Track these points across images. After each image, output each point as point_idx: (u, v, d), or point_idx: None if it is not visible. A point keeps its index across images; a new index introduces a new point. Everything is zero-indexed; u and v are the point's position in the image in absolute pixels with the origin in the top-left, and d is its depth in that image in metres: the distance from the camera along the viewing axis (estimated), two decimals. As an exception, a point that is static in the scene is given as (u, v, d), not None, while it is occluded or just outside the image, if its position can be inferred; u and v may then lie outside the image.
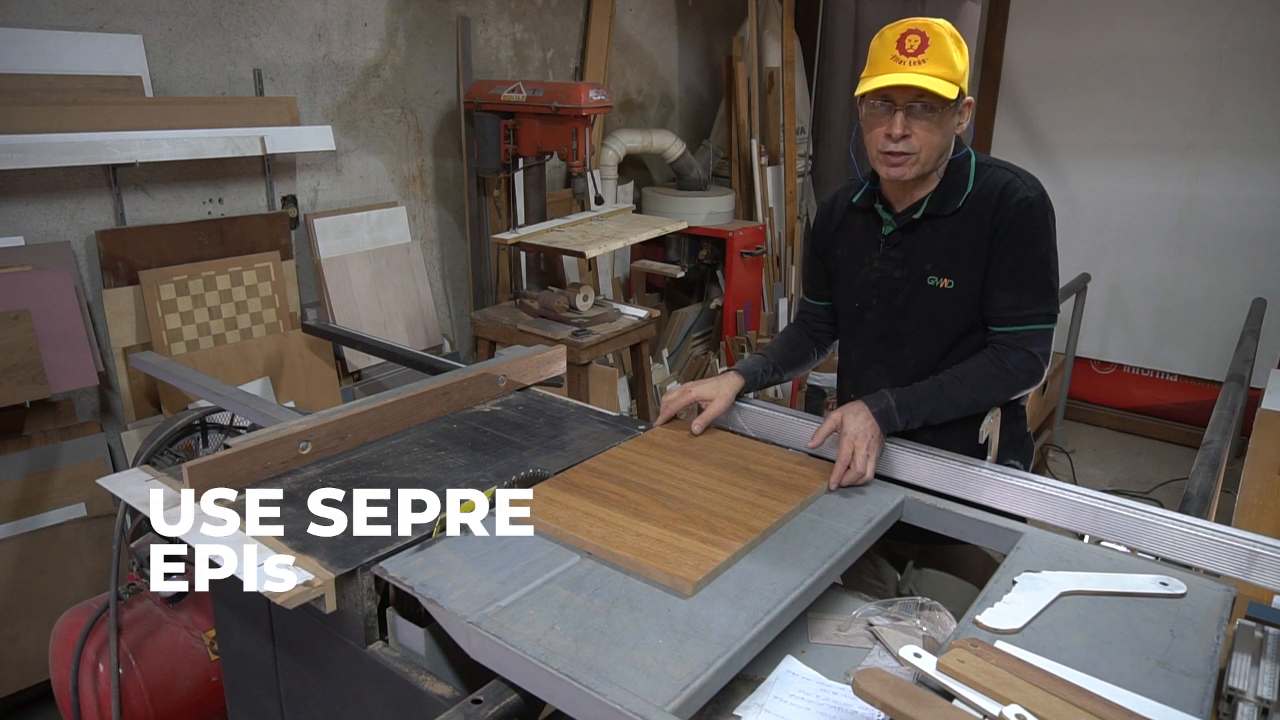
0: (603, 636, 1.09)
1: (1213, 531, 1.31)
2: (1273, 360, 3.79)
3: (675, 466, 1.58)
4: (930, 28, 1.48)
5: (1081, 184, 4.68)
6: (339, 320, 3.37)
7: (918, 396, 1.57)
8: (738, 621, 1.13)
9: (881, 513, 1.44)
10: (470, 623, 1.11)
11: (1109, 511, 1.40)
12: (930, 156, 1.55)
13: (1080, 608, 1.20)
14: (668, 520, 1.37)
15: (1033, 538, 1.39)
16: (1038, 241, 1.56)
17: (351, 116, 3.48)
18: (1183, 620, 1.17)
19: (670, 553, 1.27)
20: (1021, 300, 1.57)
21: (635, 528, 1.34)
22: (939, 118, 1.51)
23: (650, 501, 1.43)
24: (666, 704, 0.97)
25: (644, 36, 4.82)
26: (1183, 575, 1.27)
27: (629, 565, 1.25)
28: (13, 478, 2.55)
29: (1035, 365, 1.58)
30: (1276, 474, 2.23)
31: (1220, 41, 4.19)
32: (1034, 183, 1.59)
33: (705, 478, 1.53)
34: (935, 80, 1.46)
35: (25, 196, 2.66)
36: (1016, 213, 1.55)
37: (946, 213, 1.61)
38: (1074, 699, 0.97)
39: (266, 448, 1.50)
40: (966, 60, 1.53)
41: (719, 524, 1.36)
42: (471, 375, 1.91)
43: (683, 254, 4.73)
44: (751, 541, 1.32)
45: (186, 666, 1.94)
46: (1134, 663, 1.08)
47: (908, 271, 1.65)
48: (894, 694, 0.96)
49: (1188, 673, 1.06)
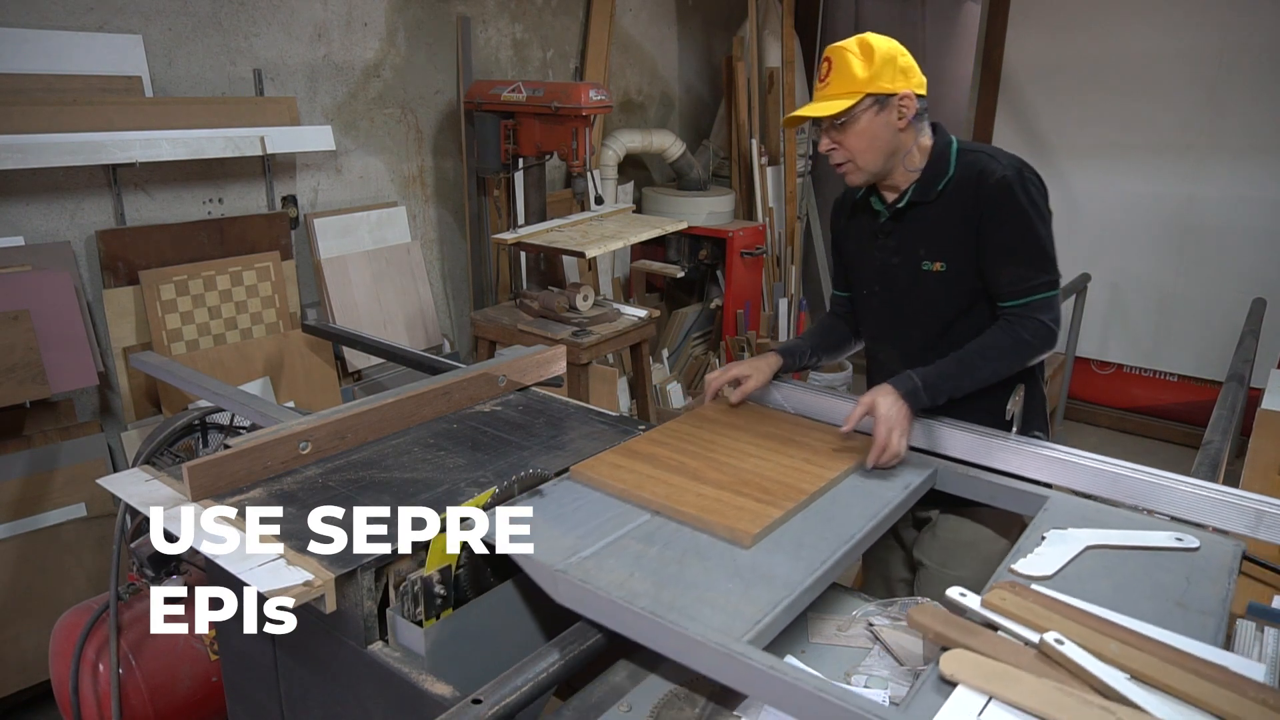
0: (678, 582, 1.22)
1: (1222, 493, 1.42)
2: (1273, 360, 3.79)
3: (726, 438, 1.71)
4: (835, 51, 1.65)
5: (1081, 184, 4.68)
6: (339, 320, 3.37)
7: (941, 375, 1.64)
8: (797, 569, 1.26)
9: (918, 480, 1.58)
10: (558, 570, 1.23)
11: (1127, 476, 1.50)
12: (872, 159, 1.68)
13: (1105, 559, 1.31)
14: (723, 483, 1.51)
15: (1058, 500, 1.50)
16: (1023, 215, 1.63)
17: (351, 116, 3.48)
18: (1197, 570, 1.28)
19: (729, 510, 1.40)
20: (1021, 274, 1.64)
21: (695, 489, 1.48)
22: (856, 127, 1.65)
23: (706, 467, 1.57)
24: (742, 636, 1.09)
25: (644, 36, 4.82)
26: (1195, 533, 1.38)
27: (693, 521, 1.39)
28: (13, 478, 2.55)
29: (1048, 331, 1.65)
30: (1276, 474, 2.23)
31: (1220, 42, 4.19)
32: (1010, 161, 1.66)
33: (755, 448, 1.66)
34: (827, 103, 1.63)
35: (25, 196, 2.66)
36: (995, 192, 1.63)
37: (930, 199, 1.70)
38: (1104, 629, 1.08)
39: (266, 448, 1.50)
40: (880, 60, 1.62)
41: (771, 486, 1.49)
42: (471, 375, 1.91)
43: (683, 254, 4.73)
44: (801, 502, 1.45)
45: (186, 666, 1.94)
46: (1155, 604, 1.19)
47: (903, 258, 1.75)
48: (945, 624, 1.10)
49: (1203, 611, 1.17)
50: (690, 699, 1.18)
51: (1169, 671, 1.00)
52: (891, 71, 1.63)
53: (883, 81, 1.62)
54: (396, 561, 1.29)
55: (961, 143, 1.72)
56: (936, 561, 1.81)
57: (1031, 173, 1.66)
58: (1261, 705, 0.95)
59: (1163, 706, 0.96)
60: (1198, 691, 0.97)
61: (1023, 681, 0.98)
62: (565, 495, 1.48)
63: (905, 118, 1.65)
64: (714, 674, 1.08)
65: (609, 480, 1.51)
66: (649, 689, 1.21)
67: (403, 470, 1.55)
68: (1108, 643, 1.05)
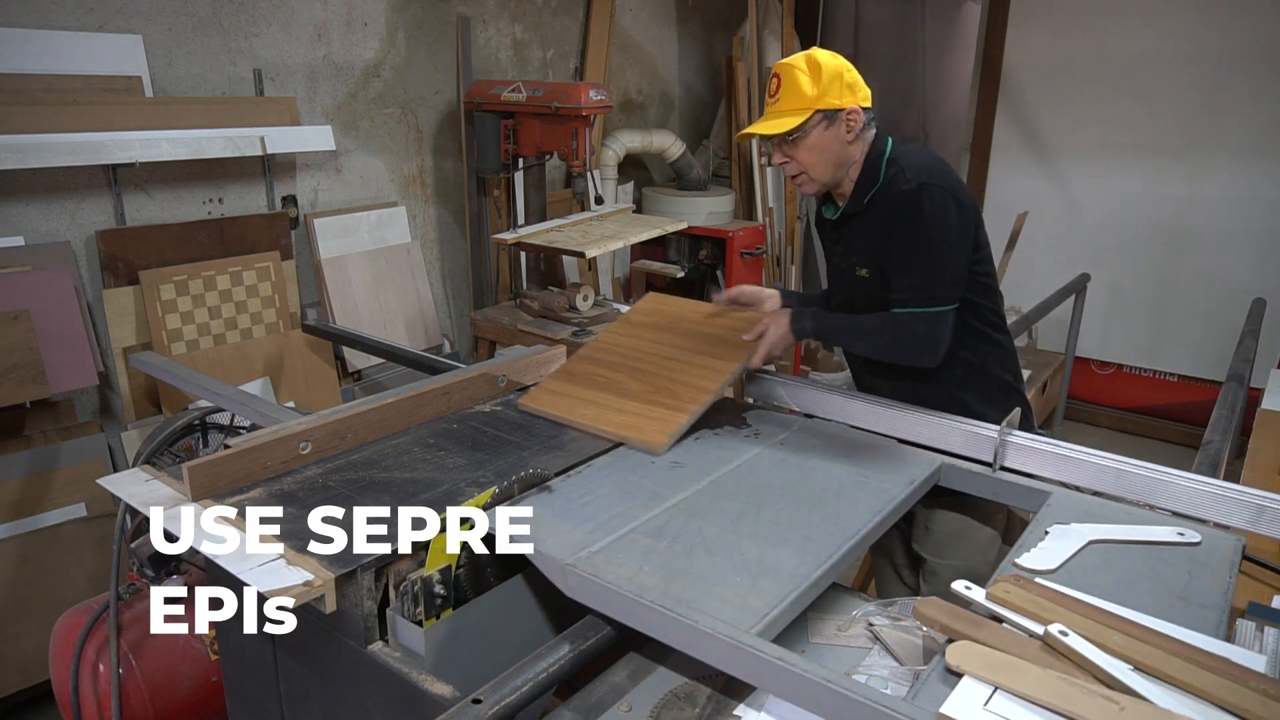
0: (686, 576, 1.24)
1: (1223, 488, 1.44)
2: (1273, 360, 3.79)
3: (648, 342, 1.93)
4: (784, 69, 1.71)
5: (1081, 184, 4.68)
6: (339, 320, 3.37)
7: (831, 328, 1.83)
8: (804, 563, 1.28)
9: (922, 475, 1.59)
10: (568, 564, 1.25)
11: (1129, 472, 1.52)
12: (823, 171, 1.75)
13: (1107, 553, 1.32)
14: (643, 394, 1.75)
15: (1060, 496, 1.51)
16: (921, 229, 1.65)
17: (351, 116, 3.47)
18: (1198, 564, 1.30)
19: (644, 422, 1.66)
20: (911, 283, 1.68)
21: (618, 405, 1.73)
22: (806, 141, 1.71)
23: (629, 378, 1.82)
24: (750, 629, 1.11)
25: (644, 36, 4.82)
26: (1197, 527, 1.39)
27: (614, 438, 1.65)
28: (13, 478, 2.55)
29: (926, 343, 1.69)
30: (1276, 474, 2.23)
31: (1220, 42, 4.19)
32: (921, 172, 1.67)
33: (671, 349, 1.89)
34: (776, 121, 1.70)
35: (25, 196, 2.66)
36: (898, 203, 1.68)
37: (861, 210, 1.78)
38: (1107, 622, 1.09)
39: (266, 448, 1.50)
40: (827, 77, 1.67)
41: (680, 390, 1.74)
42: (471, 375, 1.91)
43: (683, 254, 4.72)
44: (705, 402, 1.70)
45: (186, 666, 1.94)
46: (1157, 597, 1.20)
47: (848, 262, 1.85)
48: (951, 617, 1.12)
49: (1205, 605, 1.19)
50: (690, 699, 1.18)
51: (1171, 663, 1.01)
52: (839, 87, 1.69)
53: (830, 98, 1.69)
54: (396, 561, 1.29)
55: (893, 151, 1.75)
56: (933, 554, 1.88)
57: (937, 189, 1.65)
58: (1262, 695, 0.95)
59: (1165, 697, 0.97)
60: (1199, 682, 0.98)
61: (1028, 672, 0.99)
62: (574, 490, 1.49)
63: (853, 130, 1.72)
64: (723, 666, 1.09)
65: (548, 409, 1.77)
66: (649, 689, 1.21)
67: (403, 470, 1.55)
68: (1111, 635, 1.06)
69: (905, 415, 1.76)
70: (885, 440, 1.75)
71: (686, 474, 1.56)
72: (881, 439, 1.76)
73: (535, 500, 1.44)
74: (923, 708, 0.96)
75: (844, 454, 1.67)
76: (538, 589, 1.35)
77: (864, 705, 0.95)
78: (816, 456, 1.65)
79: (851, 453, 1.67)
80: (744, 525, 1.38)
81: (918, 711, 0.95)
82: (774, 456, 1.65)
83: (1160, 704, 0.95)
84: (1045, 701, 0.94)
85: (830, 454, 1.66)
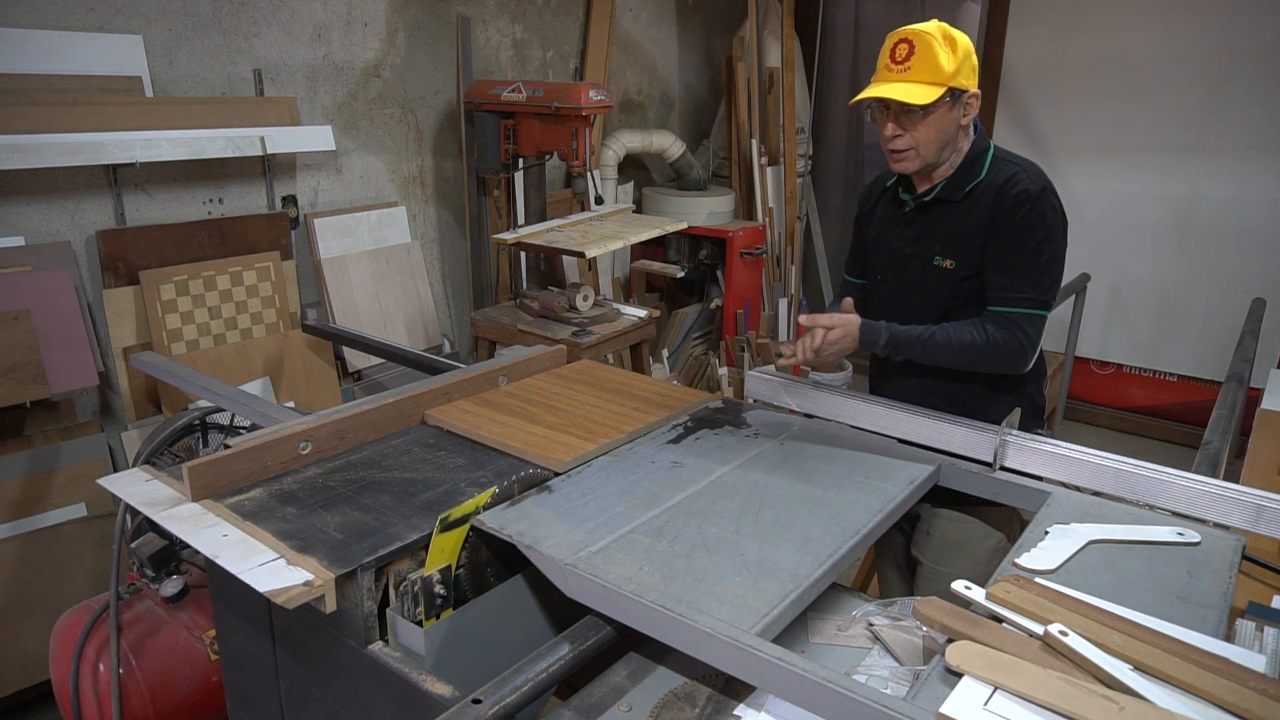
0: (686, 575, 1.23)
1: (1223, 488, 1.44)
2: (1273, 360, 3.79)
3: (573, 392, 1.91)
4: (918, 36, 1.63)
5: (1081, 184, 4.67)
6: (339, 320, 3.37)
7: (909, 339, 1.72)
8: (804, 563, 1.27)
9: (922, 475, 1.59)
10: (567, 564, 1.24)
11: (1129, 472, 1.53)
12: (930, 150, 1.70)
13: (1107, 553, 1.33)
14: (555, 425, 1.71)
15: (1060, 496, 1.51)
16: (1032, 231, 1.67)
17: (351, 116, 3.48)
18: (1198, 564, 1.30)
19: (550, 444, 1.60)
20: (1011, 283, 1.68)
21: (527, 429, 1.68)
22: (930, 117, 1.65)
23: (544, 412, 1.78)
24: (750, 629, 1.10)
25: (644, 36, 4.82)
26: (1197, 527, 1.40)
27: (517, 453, 1.59)
28: (13, 478, 2.55)
29: (1019, 345, 1.68)
30: (1276, 474, 2.23)
31: (1220, 42, 4.19)
32: (1038, 177, 1.71)
33: (595, 398, 1.87)
34: (913, 88, 1.61)
35: (25, 196, 2.66)
36: (1014, 203, 1.67)
37: (956, 198, 1.74)
38: (1107, 622, 1.10)
39: (266, 448, 1.50)
40: (961, 55, 1.63)
41: (595, 428, 1.69)
42: (471, 375, 1.91)
43: (683, 254, 4.72)
44: (617, 439, 1.65)
45: (186, 666, 1.94)
46: (1157, 597, 1.21)
47: (918, 250, 1.80)
48: (951, 617, 1.12)
49: (1204, 605, 1.19)
50: (690, 699, 1.18)
51: (1171, 662, 1.02)
52: (969, 69, 1.67)
53: (961, 78, 1.64)
54: (396, 561, 1.29)
55: (999, 150, 1.76)
56: (931, 559, 1.86)
57: (1055, 198, 1.70)
58: (1262, 695, 0.95)
59: (1165, 696, 0.97)
60: (1199, 682, 0.98)
61: (1027, 672, 0.99)
62: (574, 490, 1.49)
63: (969, 116, 1.71)
64: (722, 666, 1.09)
65: (455, 422, 1.71)
66: (649, 689, 1.21)
67: (403, 470, 1.55)
68: (1111, 634, 1.06)
69: (905, 415, 1.76)
70: (885, 440, 1.75)
71: (686, 474, 1.56)
72: (882, 439, 1.76)
73: (535, 500, 1.44)
74: (923, 708, 0.96)
75: (844, 454, 1.67)
76: (538, 589, 1.35)
77: (864, 705, 0.95)
78: (816, 456, 1.65)
79: (851, 453, 1.68)
80: (744, 525, 1.38)
81: (918, 711, 0.95)
82: (774, 456, 1.65)
83: (1160, 704, 0.95)
84: (1045, 701, 0.95)
85: (830, 454, 1.66)
